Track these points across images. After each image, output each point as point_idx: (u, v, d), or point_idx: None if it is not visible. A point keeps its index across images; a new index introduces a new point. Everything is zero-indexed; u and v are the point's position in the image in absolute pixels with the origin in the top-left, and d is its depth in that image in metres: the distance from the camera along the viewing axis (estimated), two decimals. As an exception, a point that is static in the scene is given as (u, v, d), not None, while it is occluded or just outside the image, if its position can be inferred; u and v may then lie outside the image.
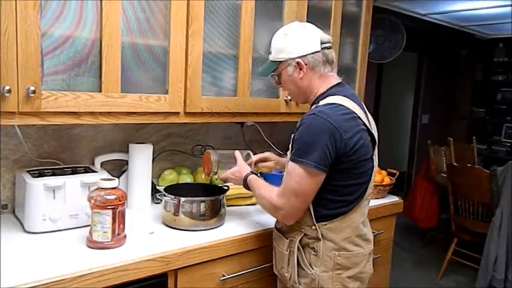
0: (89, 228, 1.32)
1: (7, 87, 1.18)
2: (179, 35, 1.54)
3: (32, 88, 1.22)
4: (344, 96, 1.33)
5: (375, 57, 3.52)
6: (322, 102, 1.32)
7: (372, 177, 1.37)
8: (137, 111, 1.48)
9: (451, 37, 4.78)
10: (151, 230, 1.49)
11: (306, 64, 1.35)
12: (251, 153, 1.64)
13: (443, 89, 5.44)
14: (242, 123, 2.14)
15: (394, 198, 2.12)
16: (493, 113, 5.43)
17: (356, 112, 1.30)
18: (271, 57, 1.43)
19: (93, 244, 1.30)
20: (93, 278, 1.16)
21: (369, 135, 1.32)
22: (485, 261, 2.98)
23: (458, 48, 5.36)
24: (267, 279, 1.59)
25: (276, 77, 1.46)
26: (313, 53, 1.35)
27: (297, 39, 1.36)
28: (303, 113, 1.32)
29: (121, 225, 1.33)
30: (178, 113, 1.60)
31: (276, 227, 1.47)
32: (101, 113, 1.41)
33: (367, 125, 1.33)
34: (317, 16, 2.05)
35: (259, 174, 2.02)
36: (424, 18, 3.84)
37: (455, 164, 3.42)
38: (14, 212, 1.57)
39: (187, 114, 1.62)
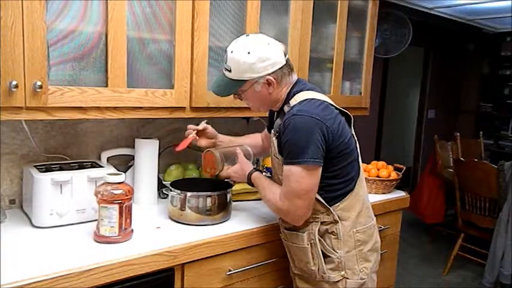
0: (96, 222, 1.33)
1: (14, 82, 1.18)
2: (185, 29, 1.54)
3: (39, 83, 1.22)
4: (308, 90, 1.38)
5: (381, 51, 3.50)
6: (293, 102, 1.34)
7: (359, 151, 1.43)
8: (143, 106, 1.48)
9: (458, 31, 4.73)
10: (157, 224, 1.50)
11: (275, 79, 1.34)
12: (248, 148, 1.61)
13: (450, 83, 5.40)
14: (248, 119, 2.14)
15: (400, 193, 2.11)
16: (500, 108, 5.38)
17: (326, 100, 1.36)
18: (233, 76, 1.34)
19: (100, 238, 1.30)
20: (100, 272, 1.16)
21: (342, 116, 1.39)
22: (492, 256, 2.96)
23: (465, 42, 5.31)
24: (273, 274, 1.59)
25: (238, 93, 1.39)
26: (281, 68, 1.34)
27: (264, 57, 1.30)
28: None
29: (128, 220, 1.33)
30: (184, 108, 1.60)
31: (285, 227, 1.46)
32: (107, 108, 1.41)
33: (338, 108, 1.40)
34: (323, 10, 2.04)
35: (264, 169, 2.02)
36: (431, 12, 3.80)
37: (462, 159, 3.40)
38: (21, 206, 1.58)
39: (193, 109, 1.62)
